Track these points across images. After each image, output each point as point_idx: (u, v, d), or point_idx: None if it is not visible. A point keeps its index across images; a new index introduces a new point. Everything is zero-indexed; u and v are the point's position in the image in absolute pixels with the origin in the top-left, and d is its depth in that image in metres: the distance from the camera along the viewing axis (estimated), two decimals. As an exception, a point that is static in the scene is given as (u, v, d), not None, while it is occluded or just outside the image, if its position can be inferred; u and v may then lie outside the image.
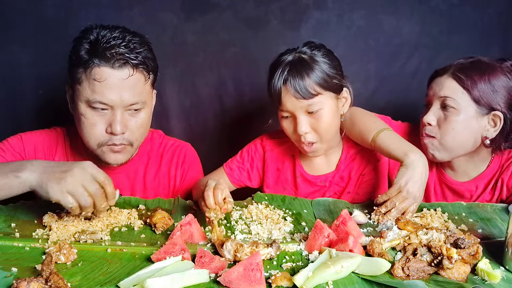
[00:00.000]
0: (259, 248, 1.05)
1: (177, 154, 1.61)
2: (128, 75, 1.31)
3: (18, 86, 1.99)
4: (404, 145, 1.38)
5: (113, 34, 1.31)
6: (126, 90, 1.32)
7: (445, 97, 1.45)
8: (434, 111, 1.49)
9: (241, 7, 1.96)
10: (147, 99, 1.40)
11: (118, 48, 1.30)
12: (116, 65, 1.30)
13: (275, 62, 1.46)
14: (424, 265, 1.01)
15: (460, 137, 1.46)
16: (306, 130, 1.43)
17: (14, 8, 1.91)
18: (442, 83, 1.47)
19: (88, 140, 1.38)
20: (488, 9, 1.98)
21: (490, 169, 1.53)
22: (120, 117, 1.34)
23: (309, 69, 1.40)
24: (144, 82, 1.37)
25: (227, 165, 1.66)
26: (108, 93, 1.31)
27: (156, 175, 1.59)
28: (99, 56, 1.29)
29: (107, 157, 1.40)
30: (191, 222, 1.16)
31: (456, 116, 1.44)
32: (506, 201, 1.51)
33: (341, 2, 1.97)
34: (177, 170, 1.60)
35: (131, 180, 1.55)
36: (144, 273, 0.97)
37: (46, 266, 0.96)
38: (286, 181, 1.64)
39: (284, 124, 1.49)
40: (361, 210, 1.35)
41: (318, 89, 1.41)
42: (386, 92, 2.06)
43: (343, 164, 1.59)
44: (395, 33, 2.00)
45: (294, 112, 1.43)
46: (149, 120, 1.44)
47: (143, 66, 1.35)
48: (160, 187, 1.59)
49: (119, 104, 1.32)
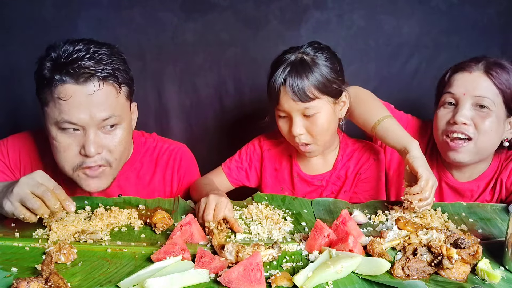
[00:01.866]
0: (260, 250, 1.05)
1: (172, 158, 1.55)
2: (95, 89, 1.22)
3: (18, 86, 1.99)
4: (406, 135, 1.39)
5: (76, 47, 1.23)
6: (95, 106, 1.22)
7: (481, 96, 1.39)
8: (467, 109, 1.41)
9: (241, 7, 1.96)
10: (122, 113, 1.30)
11: (81, 61, 1.21)
12: (81, 79, 1.21)
13: (277, 60, 1.45)
14: (424, 265, 1.01)
15: (493, 139, 1.44)
16: (301, 132, 1.44)
17: (14, 8, 1.91)
18: (476, 81, 1.40)
19: (63, 165, 1.30)
20: (488, 9, 1.98)
21: (491, 169, 1.53)
22: (93, 136, 1.25)
23: (309, 72, 1.40)
24: (116, 95, 1.27)
25: (225, 165, 1.66)
26: (75, 111, 1.22)
27: (151, 182, 1.54)
28: (61, 72, 1.20)
29: (83, 183, 1.31)
30: (191, 222, 1.16)
31: (492, 117, 1.40)
32: (506, 201, 1.51)
33: (341, 2, 1.97)
34: (173, 175, 1.55)
35: (121, 189, 1.50)
36: (144, 273, 0.97)
37: (46, 266, 0.96)
38: (283, 181, 1.64)
39: (280, 123, 1.49)
40: (361, 210, 1.35)
41: (316, 93, 1.40)
42: (386, 92, 2.05)
43: (340, 163, 1.60)
44: (395, 33, 2.00)
45: (290, 113, 1.43)
46: (128, 136, 1.35)
47: (112, 78, 1.25)
48: (155, 193, 1.54)
49: (89, 122, 1.23)
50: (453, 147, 1.45)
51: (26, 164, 1.47)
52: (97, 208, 1.32)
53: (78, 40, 1.27)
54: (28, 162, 1.47)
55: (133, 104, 1.41)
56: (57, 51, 1.23)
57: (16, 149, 1.47)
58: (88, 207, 1.34)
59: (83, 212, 1.31)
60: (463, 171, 1.55)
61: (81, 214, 1.29)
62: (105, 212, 1.29)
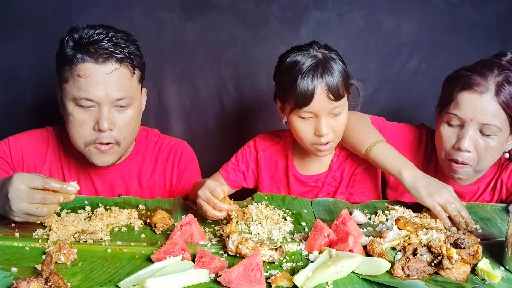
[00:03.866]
0: (263, 248, 1.05)
1: (173, 153, 1.59)
2: (112, 69, 1.31)
3: (18, 86, 1.99)
4: (397, 162, 1.38)
5: (97, 30, 1.32)
6: (111, 85, 1.32)
7: (489, 124, 1.34)
8: (471, 136, 1.37)
9: (241, 7, 1.96)
10: (134, 95, 1.39)
11: (101, 42, 1.30)
12: (100, 59, 1.30)
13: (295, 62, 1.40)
14: (424, 265, 1.01)
15: (494, 158, 1.43)
16: (328, 131, 1.42)
17: (14, 8, 1.91)
18: (485, 108, 1.33)
19: (76, 140, 1.37)
20: (488, 9, 1.98)
21: (491, 170, 1.53)
22: (107, 113, 1.33)
23: (336, 70, 1.39)
24: (130, 77, 1.36)
25: (223, 169, 1.66)
26: (93, 89, 1.30)
27: (152, 175, 1.58)
28: (83, 51, 1.29)
29: (94, 158, 1.39)
30: (191, 222, 1.16)
31: (495, 142, 1.37)
32: (506, 201, 1.51)
33: (341, 2, 1.97)
34: (173, 169, 1.59)
35: (125, 180, 1.54)
36: (144, 273, 0.97)
37: (46, 266, 0.96)
38: (280, 181, 1.64)
39: (301, 126, 1.44)
40: (361, 210, 1.35)
41: (344, 91, 1.41)
42: (386, 92, 2.06)
43: (336, 164, 1.60)
44: (395, 33, 2.00)
45: (319, 114, 1.41)
46: (137, 117, 1.43)
47: (128, 61, 1.34)
48: (156, 187, 1.58)
49: (105, 99, 1.32)
50: (453, 168, 1.43)
51: (29, 162, 1.49)
52: (97, 208, 1.32)
53: (98, 25, 1.36)
54: (31, 161, 1.50)
55: (143, 89, 1.48)
56: (80, 33, 1.32)
57: (19, 148, 1.49)
58: (88, 207, 1.34)
59: (83, 212, 1.31)
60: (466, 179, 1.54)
61: (81, 214, 1.29)
62: (105, 212, 1.29)
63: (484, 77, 1.35)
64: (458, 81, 1.39)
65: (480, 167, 1.42)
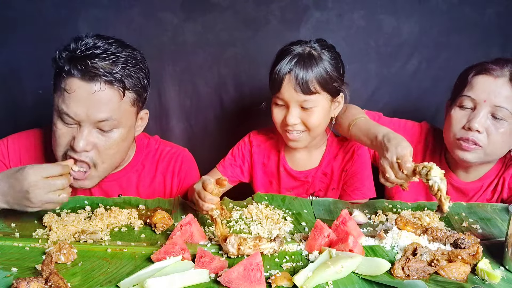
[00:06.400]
0: (262, 243, 1.05)
1: (173, 162, 1.56)
2: (96, 90, 1.23)
3: (18, 86, 1.99)
4: (375, 129, 1.38)
5: (97, 44, 1.25)
6: (95, 105, 1.24)
7: (500, 107, 1.37)
8: (483, 117, 1.39)
9: (241, 7, 1.96)
10: (123, 119, 1.30)
11: (93, 59, 1.22)
12: (87, 77, 1.22)
13: (284, 49, 1.48)
14: (424, 265, 1.01)
15: (503, 148, 1.43)
16: (295, 121, 1.47)
17: (14, 8, 1.90)
18: (498, 89, 1.37)
19: (55, 150, 1.32)
20: (488, 9, 1.98)
21: (495, 168, 1.53)
22: (86, 133, 1.26)
23: (314, 66, 1.43)
24: (119, 99, 1.27)
25: (220, 165, 1.68)
26: (75, 106, 1.24)
27: (151, 183, 1.54)
28: (72, 65, 1.23)
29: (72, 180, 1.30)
30: (191, 222, 1.16)
31: (505, 128, 1.39)
32: (506, 201, 1.51)
33: (341, 2, 1.97)
34: (173, 178, 1.56)
35: (123, 189, 1.51)
36: (144, 273, 0.97)
37: (46, 266, 0.96)
38: (271, 175, 1.67)
39: (275, 111, 1.51)
40: (361, 210, 1.35)
41: (318, 87, 1.44)
42: (386, 92, 2.06)
43: (325, 160, 1.63)
44: (395, 33, 2.00)
45: (288, 103, 1.46)
46: (123, 142, 1.34)
47: (118, 84, 1.25)
48: (156, 195, 1.52)
49: (84, 119, 1.25)
50: (463, 147, 1.42)
51: (28, 162, 1.46)
52: (97, 208, 1.32)
53: (105, 37, 1.29)
54: (29, 162, 1.47)
55: (143, 111, 1.41)
56: (77, 44, 1.26)
57: (16, 148, 1.47)
58: (88, 207, 1.34)
59: (83, 212, 1.31)
60: (469, 172, 1.54)
61: (81, 214, 1.29)
62: (105, 212, 1.29)
63: (501, 65, 1.40)
64: (475, 67, 1.44)
65: (490, 151, 1.42)
